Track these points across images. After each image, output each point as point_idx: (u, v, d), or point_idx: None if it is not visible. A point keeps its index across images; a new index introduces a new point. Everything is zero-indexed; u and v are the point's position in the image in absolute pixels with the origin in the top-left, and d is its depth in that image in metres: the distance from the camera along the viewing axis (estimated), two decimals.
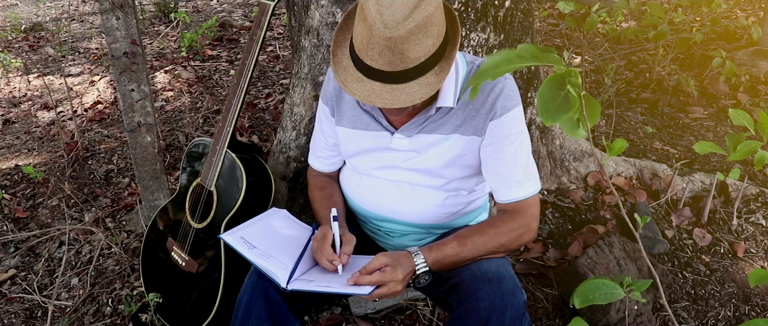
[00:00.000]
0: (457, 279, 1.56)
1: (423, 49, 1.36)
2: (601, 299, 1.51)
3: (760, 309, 2.26)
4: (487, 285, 1.48)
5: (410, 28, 1.33)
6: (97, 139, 3.65)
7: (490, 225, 1.62)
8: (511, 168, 1.59)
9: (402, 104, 1.40)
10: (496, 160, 1.59)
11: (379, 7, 1.35)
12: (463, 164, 1.65)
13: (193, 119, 3.79)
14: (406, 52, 1.35)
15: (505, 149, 1.57)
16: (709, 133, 3.36)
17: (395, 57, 1.36)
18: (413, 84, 1.41)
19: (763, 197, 2.78)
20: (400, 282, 1.48)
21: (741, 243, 2.51)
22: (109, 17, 2.36)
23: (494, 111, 1.54)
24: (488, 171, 1.63)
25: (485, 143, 1.59)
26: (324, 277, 1.53)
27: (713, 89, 3.72)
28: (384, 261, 1.49)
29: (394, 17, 1.34)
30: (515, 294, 1.48)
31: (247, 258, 1.55)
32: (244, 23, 5.82)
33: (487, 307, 1.45)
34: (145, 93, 2.52)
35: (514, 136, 1.57)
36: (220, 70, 4.68)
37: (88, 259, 2.60)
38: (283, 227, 1.68)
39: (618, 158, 2.80)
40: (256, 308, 1.56)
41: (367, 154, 1.71)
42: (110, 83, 4.58)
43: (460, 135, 1.59)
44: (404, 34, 1.33)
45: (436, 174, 1.67)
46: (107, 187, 3.14)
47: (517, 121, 1.57)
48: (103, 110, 4.10)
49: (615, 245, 2.20)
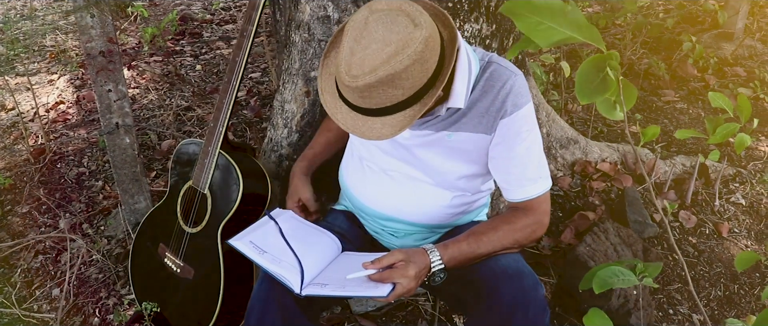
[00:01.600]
0: (473, 276, 1.54)
1: (387, 98, 1.32)
2: (619, 283, 1.53)
3: (747, 287, 2.32)
4: (508, 281, 1.47)
5: (371, 82, 1.28)
6: (63, 141, 3.51)
7: (504, 221, 1.59)
8: (523, 167, 1.56)
9: (361, 135, 1.38)
10: (508, 159, 1.56)
11: (353, 47, 1.30)
12: (469, 161, 1.62)
13: (163, 117, 3.67)
14: (368, 98, 1.32)
15: (516, 148, 1.54)
16: (683, 115, 3.43)
17: (357, 98, 1.33)
18: (377, 120, 1.37)
19: (740, 177, 2.85)
20: (412, 279, 1.43)
21: (725, 223, 2.57)
22: (83, 15, 2.25)
23: (504, 109, 1.51)
24: (499, 170, 1.60)
25: (495, 141, 1.56)
26: (339, 280, 1.49)
27: (682, 72, 3.80)
28: (398, 257, 1.45)
29: (361, 66, 1.29)
30: (537, 289, 1.47)
31: (259, 263, 1.50)
32: (205, 16, 5.67)
33: (510, 304, 1.44)
34: (122, 93, 2.42)
35: (525, 134, 1.54)
36: (186, 65, 4.55)
37: (69, 268, 2.49)
38: (291, 229, 1.63)
39: (602, 144, 2.83)
40: (270, 316, 1.51)
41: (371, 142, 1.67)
42: (70, 82, 4.41)
43: (468, 133, 1.56)
44: (362, 87, 1.29)
45: (442, 171, 1.63)
46: (80, 191, 3.01)
47: (528, 119, 1.54)
48: (67, 110, 3.94)
49: (610, 231, 2.22)
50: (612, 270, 1.53)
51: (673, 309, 2.21)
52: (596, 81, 1.10)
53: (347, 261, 1.59)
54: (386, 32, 1.28)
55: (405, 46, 1.27)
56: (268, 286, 1.53)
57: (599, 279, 1.51)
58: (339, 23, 1.99)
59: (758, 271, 2.38)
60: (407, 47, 1.27)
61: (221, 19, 5.62)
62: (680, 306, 2.22)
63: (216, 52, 4.84)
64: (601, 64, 1.10)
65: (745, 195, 2.74)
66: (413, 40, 1.28)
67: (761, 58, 3.92)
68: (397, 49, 1.27)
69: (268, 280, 1.53)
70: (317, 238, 1.63)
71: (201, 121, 3.64)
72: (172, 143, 3.35)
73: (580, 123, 3.29)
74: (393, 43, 1.27)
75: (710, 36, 4.11)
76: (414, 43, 1.28)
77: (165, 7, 6.29)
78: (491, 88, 1.51)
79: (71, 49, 5.17)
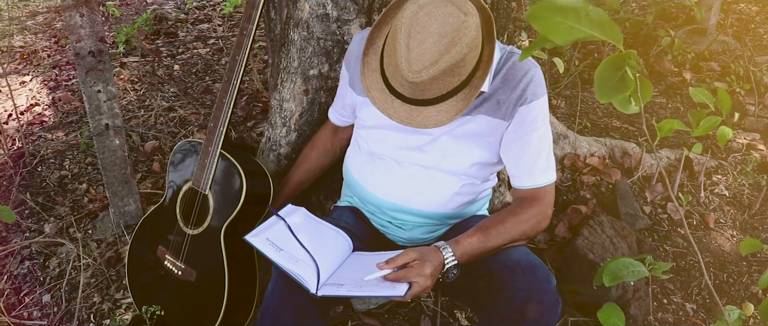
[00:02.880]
0: (485, 270, 1.56)
1: (445, 86, 1.37)
2: (630, 276, 1.56)
3: (736, 275, 2.39)
4: (521, 275, 1.49)
5: (435, 74, 1.33)
6: (41, 143, 3.43)
7: (511, 213, 1.62)
8: (534, 155, 1.60)
9: (418, 125, 1.43)
10: (521, 145, 1.60)
11: (408, 42, 1.33)
12: (482, 144, 1.64)
13: (144, 119, 3.61)
14: (428, 90, 1.36)
15: (531, 135, 1.58)
16: (663, 110, 3.50)
17: (417, 91, 1.37)
18: (432, 109, 1.42)
19: (722, 169, 2.92)
20: (428, 278, 1.44)
21: (711, 214, 2.63)
22: (72, 14, 2.20)
23: (524, 97, 1.55)
24: (510, 156, 1.63)
25: (511, 128, 1.59)
26: (354, 280, 1.48)
27: (659, 67, 3.88)
28: (412, 256, 1.46)
29: (421, 61, 1.32)
30: (549, 281, 1.50)
31: (275, 261, 1.48)
32: (179, 15, 5.58)
33: (524, 296, 1.46)
34: (112, 93, 2.38)
35: (540, 123, 1.58)
36: (164, 65, 4.48)
37: (58, 273, 2.44)
38: (303, 227, 1.62)
39: (590, 138, 2.88)
40: (286, 315, 1.50)
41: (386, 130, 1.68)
42: (44, 84, 4.31)
43: (487, 116, 1.59)
44: (426, 80, 1.34)
45: (456, 157, 1.65)
46: (64, 195, 2.95)
47: (544, 109, 1.58)
48: (42, 112, 3.85)
49: (605, 224, 2.26)
50: (622, 263, 1.56)
51: (667, 299, 2.26)
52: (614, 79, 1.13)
53: (360, 260, 1.59)
54: (439, 25, 1.31)
55: (461, 36, 1.31)
56: (284, 285, 1.52)
57: (610, 272, 1.53)
58: (338, 21, 1.98)
59: (744, 260, 2.45)
60: (463, 36, 1.31)
61: (196, 19, 5.55)
62: (674, 296, 2.27)
63: (193, 52, 4.78)
64: (619, 62, 1.12)
65: (728, 186, 2.81)
66: (467, 28, 1.32)
67: (734, 53, 4.02)
68: (454, 40, 1.31)
69: (283, 279, 1.53)
70: (330, 236, 1.63)
71: (183, 121, 3.59)
72: (155, 144, 3.30)
73: (564, 118, 3.34)
74: (448, 34, 1.31)
75: (684, 32, 4.21)
76: (468, 30, 1.32)
77: (137, 6, 6.18)
78: (513, 77, 1.54)
79: (42, 50, 5.05)
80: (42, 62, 4.78)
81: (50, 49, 5.12)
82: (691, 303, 2.25)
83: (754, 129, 3.28)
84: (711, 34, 4.16)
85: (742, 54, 3.89)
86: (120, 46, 4.68)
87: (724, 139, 2.25)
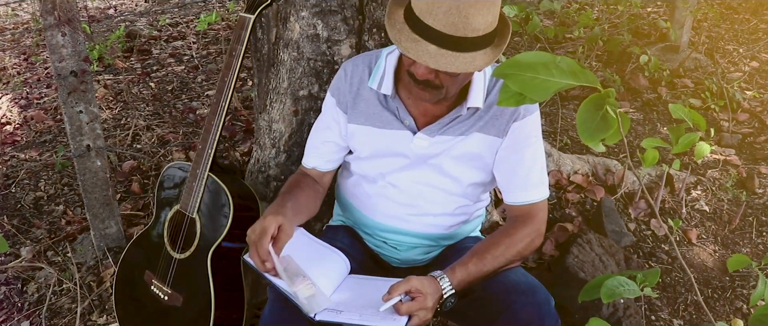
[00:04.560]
0: (484, 293, 1.55)
1: (485, 21, 1.36)
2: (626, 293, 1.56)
3: (720, 291, 2.42)
4: (522, 297, 1.48)
5: None
6: (14, 163, 3.34)
7: (504, 234, 1.62)
8: (528, 170, 1.61)
9: (455, 69, 1.39)
10: (515, 161, 1.61)
11: None
12: (478, 165, 1.64)
13: (121, 138, 3.55)
14: (471, 18, 1.34)
15: (524, 150, 1.60)
16: (640, 126, 3.56)
17: (459, 20, 1.34)
18: (467, 55, 1.39)
19: (701, 185, 2.97)
20: (430, 310, 1.44)
21: (693, 229, 2.67)
22: (54, 33, 2.16)
23: (518, 112, 1.56)
24: (504, 172, 1.64)
25: (505, 144, 1.60)
26: (355, 307, 1.46)
27: (635, 84, 3.94)
28: (416, 285, 1.44)
29: None
30: (549, 303, 1.50)
31: (274, 282, 1.46)
32: (151, 32, 5.51)
33: (525, 319, 1.46)
34: (94, 114, 2.33)
35: (533, 138, 1.60)
36: (138, 84, 4.41)
37: (37, 299, 2.36)
38: (304, 247, 1.59)
39: (573, 156, 2.91)
40: None
41: (382, 157, 1.67)
42: (14, 102, 4.21)
43: (481, 134, 1.59)
44: None
45: (450, 175, 1.65)
46: (40, 217, 2.87)
47: (537, 125, 1.60)
48: (14, 131, 3.75)
49: (593, 242, 2.27)
50: (617, 280, 1.56)
51: (655, 316, 2.28)
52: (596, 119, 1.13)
53: (358, 284, 1.57)
54: None
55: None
56: (281, 307, 1.50)
57: (607, 290, 1.53)
58: (328, 41, 1.97)
59: (728, 275, 2.49)
60: None
61: (169, 36, 5.48)
62: (661, 312, 2.29)
63: (168, 69, 4.71)
64: (599, 102, 1.13)
65: (708, 202, 2.86)
66: None
67: (706, 70, 4.11)
68: None
69: (280, 301, 1.50)
70: (327, 258, 1.60)
71: (161, 140, 3.53)
72: (133, 164, 3.24)
73: (545, 136, 3.37)
74: None
75: (658, 49, 4.29)
76: None
77: (108, 24, 6.09)
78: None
79: (12, 68, 4.94)
80: (11, 79, 4.67)
81: (20, 65, 5.01)
82: (678, 319, 2.27)
83: (729, 145, 3.34)
84: (683, 52, 4.24)
85: (714, 71, 3.98)
86: (93, 63, 4.60)
87: (701, 154, 2.30)
